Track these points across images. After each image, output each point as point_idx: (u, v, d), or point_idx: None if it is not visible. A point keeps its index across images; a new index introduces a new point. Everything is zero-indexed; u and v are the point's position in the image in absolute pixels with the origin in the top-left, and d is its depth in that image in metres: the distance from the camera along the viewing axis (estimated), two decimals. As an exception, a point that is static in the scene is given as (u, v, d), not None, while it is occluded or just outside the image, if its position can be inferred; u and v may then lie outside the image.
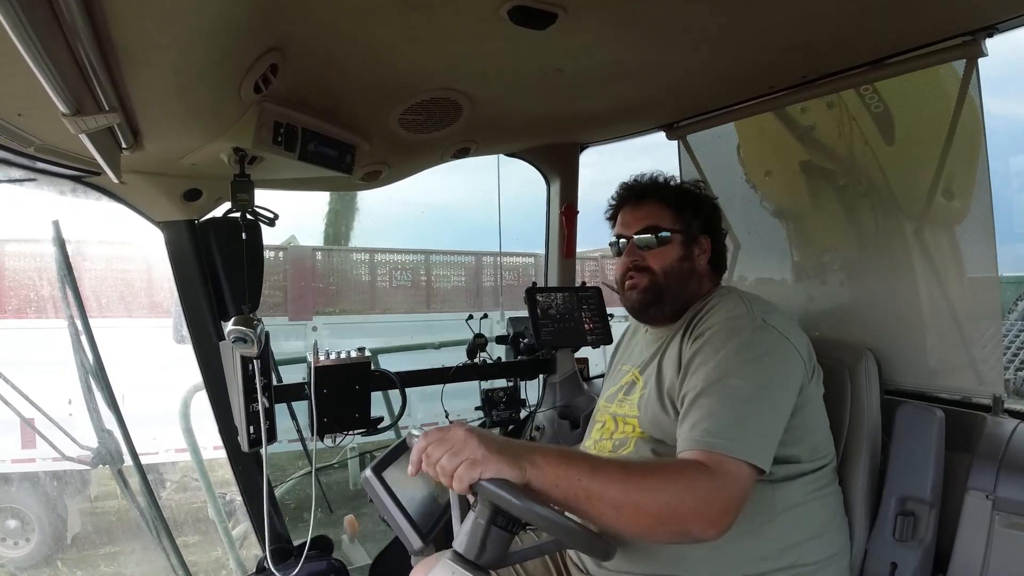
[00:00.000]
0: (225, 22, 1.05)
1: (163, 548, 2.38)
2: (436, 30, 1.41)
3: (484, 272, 10.95)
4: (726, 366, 1.32)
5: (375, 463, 1.68)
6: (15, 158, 1.51)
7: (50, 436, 2.28)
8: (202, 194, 1.88)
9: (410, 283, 10.27)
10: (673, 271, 1.58)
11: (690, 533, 1.15)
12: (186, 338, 1.99)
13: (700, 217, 1.63)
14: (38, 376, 2.51)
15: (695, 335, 1.43)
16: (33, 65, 0.75)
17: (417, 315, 9.70)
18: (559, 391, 2.63)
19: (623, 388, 1.64)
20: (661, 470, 1.22)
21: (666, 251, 1.59)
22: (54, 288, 2.21)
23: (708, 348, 1.37)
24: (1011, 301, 4.15)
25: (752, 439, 1.23)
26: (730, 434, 1.22)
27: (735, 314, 1.41)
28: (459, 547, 1.22)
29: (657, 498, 1.14)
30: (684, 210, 1.61)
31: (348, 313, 9.44)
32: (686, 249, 1.60)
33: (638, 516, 1.14)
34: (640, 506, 1.13)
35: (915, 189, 1.85)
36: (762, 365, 1.33)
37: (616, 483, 1.14)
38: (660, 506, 1.14)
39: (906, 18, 1.53)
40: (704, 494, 1.16)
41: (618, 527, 1.16)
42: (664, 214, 1.61)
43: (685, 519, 1.14)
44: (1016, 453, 1.54)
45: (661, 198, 1.63)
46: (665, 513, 1.14)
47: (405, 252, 10.41)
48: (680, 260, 1.59)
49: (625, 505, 1.13)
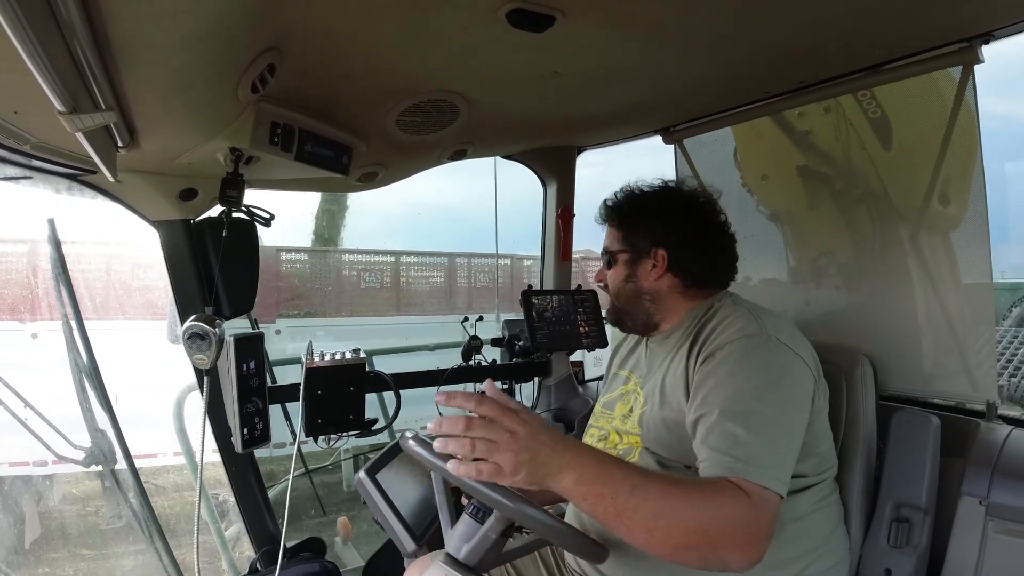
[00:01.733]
0: (223, 21, 1.05)
1: (155, 549, 2.37)
2: (434, 32, 1.41)
3: (458, 273, 10.74)
4: (747, 390, 1.27)
5: (369, 465, 1.69)
6: (11, 156, 1.50)
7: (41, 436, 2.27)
8: (198, 194, 1.87)
9: (379, 285, 10.08)
10: (620, 292, 1.63)
11: (721, 559, 1.10)
12: (180, 338, 1.98)
13: (651, 231, 1.58)
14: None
15: (705, 353, 1.37)
16: (30, 63, 0.75)
17: (387, 318, 9.52)
18: (554, 394, 2.63)
19: (624, 398, 1.62)
20: (700, 490, 1.15)
21: (614, 272, 1.64)
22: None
23: (723, 369, 1.31)
24: (1005, 307, 4.16)
25: (779, 467, 1.20)
26: (761, 463, 1.17)
27: (748, 332, 1.35)
28: (455, 552, 1.22)
29: (691, 521, 1.09)
30: (632, 227, 1.61)
31: (314, 316, 9.24)
32: (630, 268, 1.60)
33: (668, 538, 1.09)
34: (672, 528, 1.08)
35: (911, 194, 1.85)
36: (782, 389, 1.30)
37: (652, 503, 1.08)
38: (693, 529, 1.09)
39: (903, 24, 1.54)
40: (743, 519, 1.12)
41: (647, 547, 1.10)
42: (614, 235, 1.64)
43: (716, 544, 1.09)
44: (1009, 459, 1.54)
45: (612, 220, 1.66)
46: (698, 537, 1.09)
47: (374, 253, 10.23)
48: (625, 280, 1.61)
49: (657, 528, 1.08)
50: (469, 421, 1.08)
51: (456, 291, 10.63)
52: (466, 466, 1.08)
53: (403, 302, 10.20)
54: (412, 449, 1.28)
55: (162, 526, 2.43)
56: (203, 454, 1.64)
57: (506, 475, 1.06)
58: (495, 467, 1.06)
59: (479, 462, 1.07)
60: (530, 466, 1.07)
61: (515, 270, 10.87)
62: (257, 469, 2.11)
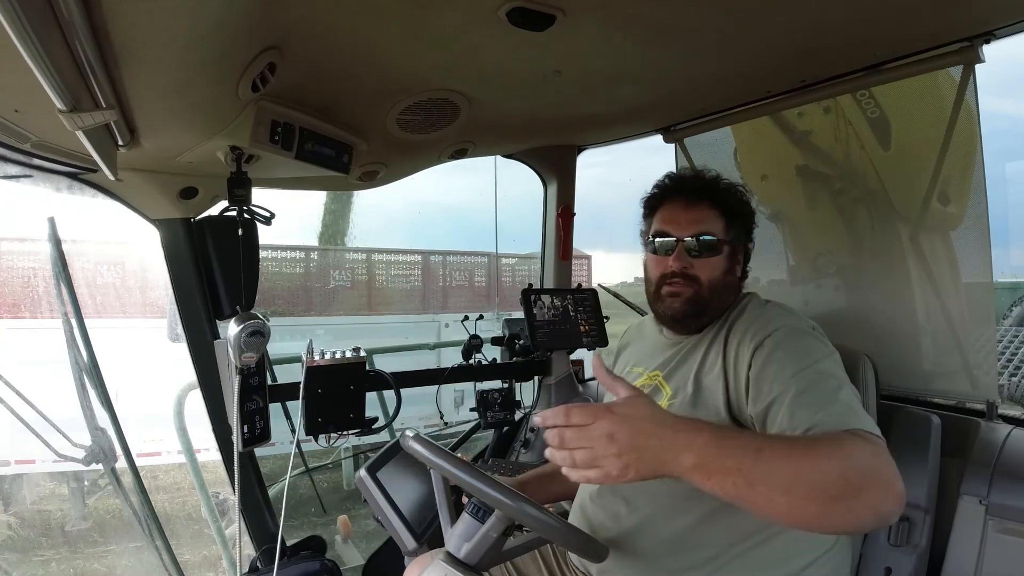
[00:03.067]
0: (223, 20, 1.05)
1: (155, 547, 2.37)
2: (435, 31, 1.41)
3: (431, 272, 10.49)
4: (809, 364, 1.25)
5: (369, 463, 1.69)
6: (11, 154, 1.50)
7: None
8: (198, 192, 1.87)
9: (349, 283, 9.91)
10: (718, 284, 1.48)
11: (870, 505, 1.01)
12: (180, 336, 1.99)
13: (746, 226, 1.55)
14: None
15: (751, 345, 1.34)
16: (31, 61, 0.75)
17: (358, 317, 9.35)
18: (554, 393, 2.63)
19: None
20: (827, 442, 1.08)
21: (715, 262, 1.49)
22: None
23: (779, 354, 1.29)
24: (1005, 307, 4.16)
25: (868, 419, 1.16)
26: (858, 414, 1.15)
27: (790, 323, 1.36)
28: (455, 551, 1.22)
29: (829, 470, 1.01)
30: (735, 218, 1.52)
31: (281, 315, 9.06)
32: (731, 261, 1.51)
33: (812, 494, 0.99)
34: (813, 483, 0.99)
35: (911, 194, 1.86)
36: (835, 363, 1.30)
37: (782, 462, 1.00)
38: (834, 479, 1.00)
39: (903, 24, 1.54)
40: (873, 462, 1.05)
41: (791, 513, 1.00)
42: (718, 221, 1.50)
43: (861, 489, 1.01)
44: (1009, 459, 1.55)
45: (716, 201, 1.51)
46: (840, 486, 1.00)
47: (346, 250, 10.11)
48: (725, 272, 1.50)
49: (796, 485, 0.99)
50: (561, 435, 1.03)
51: (431, 290, 10.43)
52: (576, 472, 1.03)
53: (376, 301, 10.00)
54: (412, 448, 1.28)
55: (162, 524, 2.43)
56: (235, 451, 1.64)
57: (615, 477, 1.00)
58: (601, 472, 1.01)
59: (587, 473, 1.02)
60: (639, 464, 1.00)
61: (490, 269, 10.84)
62: (257, 467, 2.11)
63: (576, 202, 2.80)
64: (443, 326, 7.89)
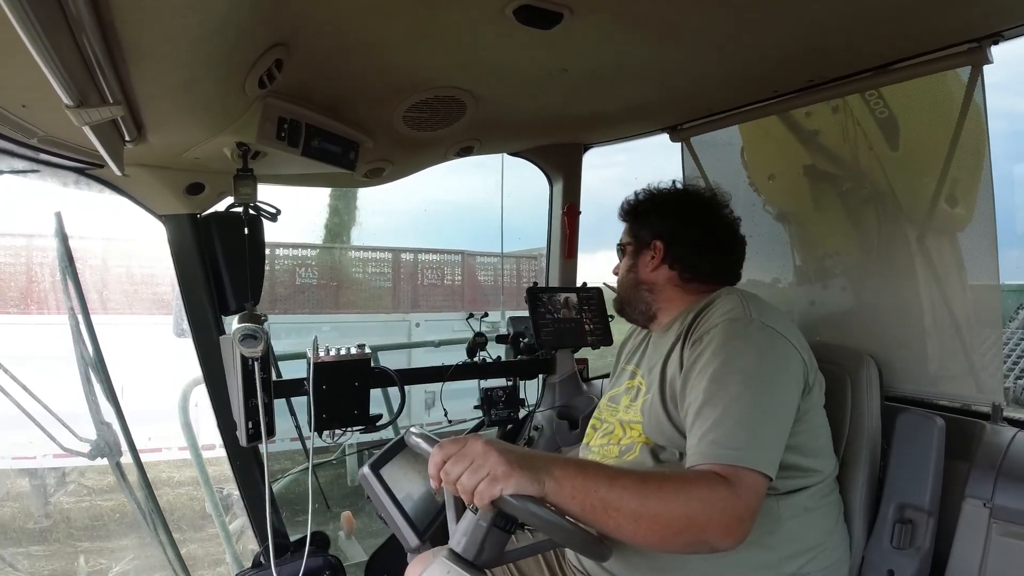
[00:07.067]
0: (231, 17, 1.05)
1: (160, 542, 2.38)
2: (442, 28, 1.41)
3: (403, 270, 10.40)
4: (727, 372, 1.30)
5: (373, 460, 1.69)
6: (18, 149, 1.51)
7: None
8: (204, 188, 1.88)
9: (316, 281, 9.83)
10: (623, 282, 1.72)
11: (708, 542, 1.15)
12: (186, 332, 1.99)
13: (653, 225, 1.66)
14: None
15: (694, 339, 1.42)
16: (38, 57, 0.75)
17: (324, 315, 9.28)
18: (558, 391, 2.63)
19: (629, 391, 1.63)
20: (678, 481, 1.20)
21: (622, 264, 1.73)
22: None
23: (707, 353, 1.35)
24: (1012, 309, 4.14)
25: (760, 447, 1.22)
26: (738, 443, 1.21)
27: (732, 316, 1.39)
28: (456, 546, 1.22)
29: (675, 508, 1.13)
30: (638, 221, 1.70)
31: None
32: (633, 259, 1.69)
33: (656, 526, 1.13)
34: (658, 516, 1.13)
35: (918, 195, 1.85)
36: (763, 368, 1.32)
37: (634, 494, 1.13)
38: (678, 516, 1.13)
39: (912, 24, 1.53)
40: (721, 504, 1.15)
41: (636, 538, 1.15)
42: (626, 230, 1.73)
43: (703, 528, 1.13)
44: (1014, 461, 1.54)
45: (625, 216, 1.75)
46: (683, 523, 1.13)
47: (311, 247, 10.03)
48: (627, 271, 1.70)
49: (643, 516, 1.12)
50: (446, 472, 1.14)
51: (402, 290, 10.32)
52: (472, 494, 1.12)
53: (344, 299, 9.95)
54: (416, 444, 1.28)
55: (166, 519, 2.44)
56: (266, 447, 1.65)
57: (501, 478, 1.10)
58: (490, 479, 1.10)
59: (479, 487, 1.11)
60: (520, 461, 1.11)
61: (466, 268, 10.81)
62: (262, 463, 2.11)
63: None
64: (413, 325, 7.84)
